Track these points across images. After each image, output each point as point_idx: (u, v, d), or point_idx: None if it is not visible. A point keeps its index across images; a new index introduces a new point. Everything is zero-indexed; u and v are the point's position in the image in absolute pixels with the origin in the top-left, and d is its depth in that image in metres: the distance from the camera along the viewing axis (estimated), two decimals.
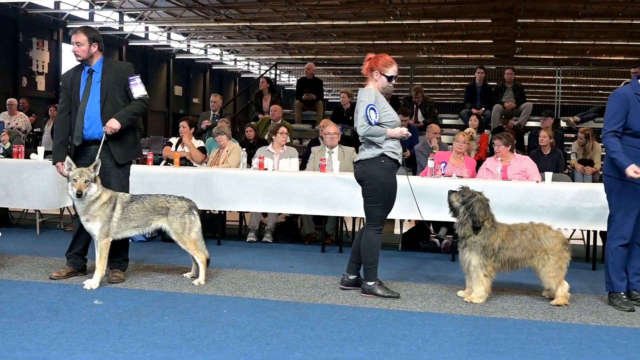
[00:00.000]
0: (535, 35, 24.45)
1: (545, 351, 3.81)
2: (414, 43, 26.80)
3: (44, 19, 24.00)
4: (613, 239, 4.97)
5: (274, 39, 28.17)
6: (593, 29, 22.81)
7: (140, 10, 23.94)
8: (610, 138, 4.84)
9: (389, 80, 5.05)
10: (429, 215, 6.27)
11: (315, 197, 6.84)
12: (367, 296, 5.04)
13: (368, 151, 5.03)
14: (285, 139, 8.04)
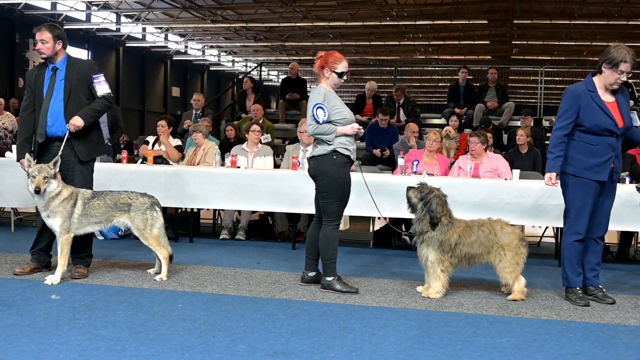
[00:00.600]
0: (532, 36, 24.48)
1: (489, 344, 3.86)
2: (410, 44, 26.82)
3: (40, 20, 23.94)
4: (568, 234, 5.03)
5: (271, 40, 28.18)
6: (589, 30, 22.83)
7: (137, 11, 23.97)
8: (556, 133, 4.93)
9: (340, 76, 5.11)
10: (388, 212, 6.32)
11: (282, 194, 6.89)
12: (326, 291, 5.09)
13: (320, 148, 5.08)
14: (257, 137, 8.09)
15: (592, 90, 4.91)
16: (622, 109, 4.93)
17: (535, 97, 16.16)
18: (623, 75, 4.81)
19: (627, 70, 4.79)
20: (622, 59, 4.77)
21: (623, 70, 4.79)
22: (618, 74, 4.81)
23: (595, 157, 4.87)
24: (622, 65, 4.78)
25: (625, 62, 4.77)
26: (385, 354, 3.60)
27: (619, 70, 4.79)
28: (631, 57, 4.78)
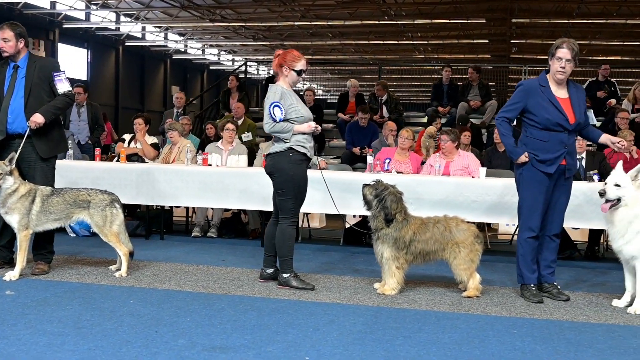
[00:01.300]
0: (532, 35, 24.45)
1: (430, 339, 3.89)
2: (410, 43, 26.79)
3: (39, 19, 24.00)
4: (522, 231, 5.07)
5: (270, 39, 28.16)
6: (589, 29, 22.79)
7: (136, 10, 23.97)
8: (502, 122, 5.06)
9: (299, 74, 5.15)
10: (356, 210, 6.36)
11: (252, 192, 6.93)
12: (282, 288, 5.12)
13: (277, 145, 5.12)
14: (231, 136, 8.13)
15: (544, 85, 4.96)
16: (575, 106, 4.96)
17: None
18: (562, 61, 4.84)
19: (564, 56, 4.84)
20: (558, 46, 4.85)
21: (560, 57, 4.84)
22: (557, 61, 4.86)
23: (547, 153, 4.91)
24: (559, 52, 4.85)
25: (561, 48, 4.85)
26: (323, 349, 3.63)
27: (557, 56, 4.85)
28: (568, 44, 4.84)
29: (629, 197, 4.67)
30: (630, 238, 4.68)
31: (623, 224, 4.68)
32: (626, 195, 4.67)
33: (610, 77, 12.65)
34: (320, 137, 11.82)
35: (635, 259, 4.73)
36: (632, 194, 4.67)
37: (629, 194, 4.67)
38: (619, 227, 4.70)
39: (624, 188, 4.68)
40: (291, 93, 5.19)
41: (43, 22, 24.33)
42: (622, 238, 4.71)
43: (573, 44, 4.88)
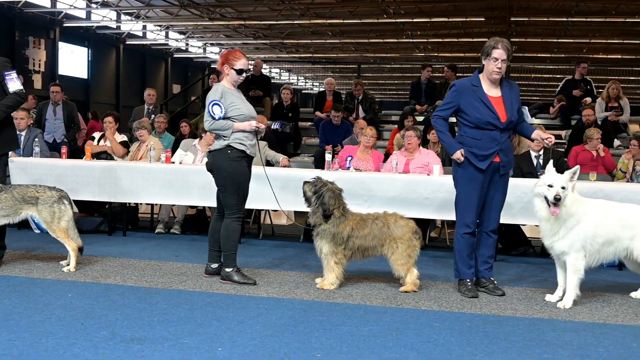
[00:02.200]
0: (532, 33, 24.47)
1: (349, 332, 3.98)
2: (410, 42, 26.83)
3: (40, 18, 24.11)
4: (459, 227, 5.16)
5: (271, 38, 28.21)
6: (589, 27, 22.79)
7: (137, 9, 24.06)
8: (437, 119, 5.15)
9: (239, 73, 5.25)
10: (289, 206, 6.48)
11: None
12: (225, 282, 5.23)
13: (217, 143, 5.24)
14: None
15: (476, 85, 5.04)
16: (507, 104, 5.05)
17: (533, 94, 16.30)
18: (498, 62, 4.92)
19: (500, 57, 4.92)
20: (494, 46, 4.93)
21: (496, 57, 4.92)
22: (493, 62, 4.94)
23: (480, 150, 5.00)
24: (494, 52, 4.92)
25: (496, 49, 4.92)
26: (239, 341, 3.73)
27: (492, 57, 4.93)
28: (503, 44, 4.93)
29: (568, 198, 4.75)
30: (563, 235, 4.77)
31: (558, 222, 4.77)
32: (567, 197, 4.75)
33: (612, 76, 12.76)
34: (297, 135, 11.94)
35: (565, 255, 4.82)
36: (570, 195, 4.75)
37: (569, 195, 4.75)
38: (553, 225, 4.79)
39: (567, 190, 4.75)
40: (233, 92, 5.29)
41: (44, 21, 24.43)
42: (555, 235, 4.80)
43: (507, 44, 4.97)
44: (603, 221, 4.82)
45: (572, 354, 3.70)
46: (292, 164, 8.08)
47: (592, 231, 4.77)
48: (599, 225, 4.80)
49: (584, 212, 4.78)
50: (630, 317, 4.60)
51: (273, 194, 5.63)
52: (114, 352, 3.46)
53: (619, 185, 6.55)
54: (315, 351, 3.60)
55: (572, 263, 4.79)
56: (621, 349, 3.82)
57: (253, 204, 6.33)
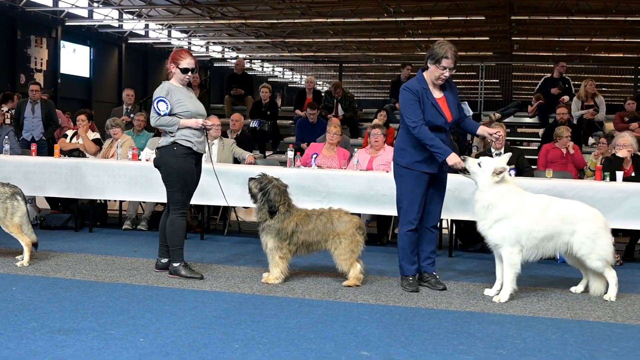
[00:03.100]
0: (533, 32, 24.48)
1: (277, 324, 4.08)
2: (411, 40, 26.88)
3: (42, 17, 24.22)
4: (402, 224, 5.24)
5: (273, 37, 28.29)
6: (591, 26, 22.78)
7: (139, 8, 24.17)
8: (422, 127, 4.98)
9: (184, 72, 5.36)
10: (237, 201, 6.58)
11: None
12: (173, 277, 5.33)
13: (163, 139, 5.34)
14: None
15: (425, 87, 5.10)
16: (450, 104, 5.13)
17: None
18: (446, 70, 5.00)
19: (448, 65, 4.98)
20: (444, 55, 4.96)
21: (445, 66, 4.98)
22: (441, 70, 5.00)
23: (426, 150, 5.06)
24: (444, 61, 4.97)
25: (446, 58, 4.96)
26: (165, 332, 3.83)
27: (441, 66, 4.99)
28: (452, 53, 4.98)
29: (481, 180, 4.84)
30: (491, 224, 4.86)
31: (479, 206, 4.88)
32: (479, 177, 4.85)
33: (615, 75, 12.81)
34: (276, 133, 12.04)
35: (499, 247, 4.91)
36: (486, 180, 4.83)
37: (482, 178, 4.84)
38: (477, 209, 4.91)
39: (482, 170, 4.84)
40: (180, 89, 5.39)
41: (46, 20, 24.54)
42: (483, 221, 4.89)
43: (455, 51, 5.01)
44: (542, 216, 4.89)
45: (488, 345, 3.79)
46: (259, 162, 8.17)
47: (529, 225, 4.84)
48: (538, 220, 4.87)
49: (519, 206, 4.85)
50: (562, 311, 4.67)
51: (220, 189, 5.73)
52: (36, 342, 3.57)
53: (571, 182, 6.61)
54: (235, 342, 3.70)
55: (508, 257, 4.87)
56: (539, 341, 3.90)
57: (215, 200, 6.44)
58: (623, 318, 4.52)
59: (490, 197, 4.85)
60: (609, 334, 4.11)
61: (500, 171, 4.86)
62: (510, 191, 4.89)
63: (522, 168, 7.47)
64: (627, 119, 10.82)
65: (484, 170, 4.88)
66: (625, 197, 6.27)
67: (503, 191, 4.86)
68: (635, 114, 10.84)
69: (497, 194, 4.85)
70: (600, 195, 6.32)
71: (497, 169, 4.85)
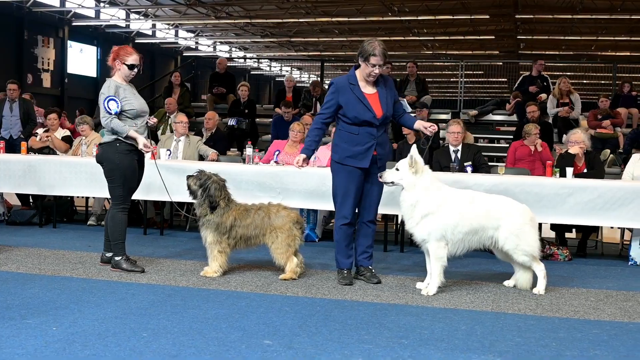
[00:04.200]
0: (539, 30, 24.44)
1: (193, 315, 4.17)
2: (417, 39, 26.91)
3: (49, 17, 24.45)
4: (337, 218, 5.33)
5: (279, 36, 28.38)
6: (597, 24, 22.69)
7: (145, 7, 24.32)
8: (315, 119, 5.32)
9: (130, 68, 5.47)
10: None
11: None
12: (115, 270, 5.46)
13: (107, 136, 5.45)
14: None
15: (353, 83, 5.20)
16: (382, 100, 5.21)
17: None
18: (375, 68, 5.09)
19: (377, 63, 5.08)
20: (372, 53, 5.06)
21: (374, 64, 5.08)
22: (370, 67, 5.10)
23: (357, 145, 5.17)
24: (372, 59, 5.07)
25: (374, 56, 5.06)
26: (80, 322, 3.93)
27: (370, 63, 5.09)
28: (380, 50, 5.07)
29: (405, 181, 4.92)
30: (417, 221, 4.94)
31: (406, 206, 4.97)
32: (403, 179, 4.93)
33: (618, 73, 12.86)
34: (254, 131, 12.15)
35: (426, 242, 4.99)
36: (408, 179, 4.91)
37: (405, 178, 4.92)
38: (404, 209, 4.99)
39: (401, 172, 4.93)
40: (125, 86, 5.51)
41: (53, 20, 24.76)
42: (410, 220, 4.98)
43: (384, 49, 5.12)
44: (467, 211, 4.97)
45: (393, 335, 3.87)
46: (222, 159, 8.28)
47: (454, 220, 4.93)
48: (462, 215, 4.95)
49: (443, 201, 4.93)
50: (486, 303, 4.75)
51: (164, 185, 5.84)
52: None
53: (518, 178, 6.67)
54: (145, 331, 3.80)
55: (434, 251, 4.96)
56: (446, 331, 3.98)
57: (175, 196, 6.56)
58: (543, 311, 4.59)
59: (415, 196, 4.93)
60: (520, 325, 4.18)
61: (415, 162, 4.94)
62: (434, 188, 4.97)
63: (479, 165, 7.54)
64: (600, 117, 10.86)
65: (402, 172, 4.95)
66: (570, 193, 6.33)
67: (427, 189, 4.94)
68: (608, 111, 10.87)
69: (422, 192, 4.93)
70: (546, 192, 6.38)
71: (410, 164, 4.93)
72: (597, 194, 6.28)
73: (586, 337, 3.96)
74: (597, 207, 6.29)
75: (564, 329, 4.14)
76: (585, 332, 4.09)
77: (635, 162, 7.19)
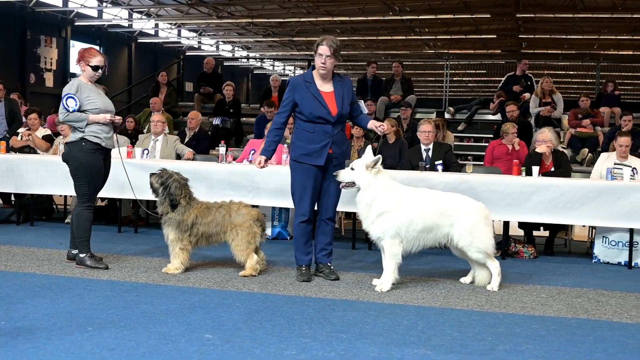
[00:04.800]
0: (541, 30, 24.43)
1: (142, 310, 4.27)
2: (418, 38, 26.92)
3: (51, 17, 24.57)
4: (295, 216, 5.43)
5: (281, 35, 28.43)
6: (600, 23, 22.65)
7: (147, 7, 24.42)
8: (275, 119, 5.46)
9: (94, 69, 5.58)
10: None
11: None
12: (79, 267, 5.56)
13: (72, 135, 5.57)
14: None
15: (309, 81, 5.31)
16: (338, 99, 5.30)
17: None
18: (323, 57, 5.20)
19: (324, 53, 5.19)
20: (319, 43, 5.21)
21: (321, 53, 5.20)
22: (319, 58, 5.22)
23: (313, 143, 5.26)
24: (320, 49, 5.21)
25: (322, 45, 5.20)
26: (31, 318, 4.03)
27: (318, 53, 5.21)
28: (328, 41, 5.19)
29: (361, 181, 5.00)
30: (373, 220, 5.03)
31: (362, 206, 5.05)
32: (358, 180, 5.01)
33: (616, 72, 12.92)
34: (238, 131, 12.24)
35: (381, 240, 5.07)
36: (365, 179, 4.99)
37: (360, 178, 5.00)
38: (361, 209, 5.08)
39: (356, 171, 5.02)
40: (89, 86, 5.62)
41: (55, 20, 24.89)
42: (366, 219, 5.06)
43: (332, 40, 5.23)
44: (421, 209, 5.06)
45: (334, 330, 3.96)
46: (197, 158, 8.37)
47: (408, 218, 5.01)
48: (416, 213, 5.03)
49: (398, 200, 5.02)
50: (437, 300, 4.83)
51: (129, 182, 5.95)
52: None
53: (482, 176, 6.75)
54: (91, 325, 3.90)
55: (389, 248, 5.04)
56: (388, 326, 4.07)
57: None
58: (491, 307, 4.67)
59: (371, 195, 5.02)
60: (463, 321, 4.27)
61: (375, 163, 5.02)
62: (389, 187, 5.06)
63: (450, 163, 7.61)
64: (580, 116, 10.91)
65: (358, 172, 5.03)
66: (533, 192, 6.40)
67: (382, 187, 5.03)
68: (588, 110, 10.92)
69: (377, 191, 5.02)
70: (510, 190, 6.45)
71: (369, 164, 5.01)
72: (560, 192, 6.34)
73: (524, 332, 4.04)
74: (560, 206, 6.35)
75: (505, 324, 4.22)
76: (525, 327, 4.17)
77: (604, 161, 7.26)
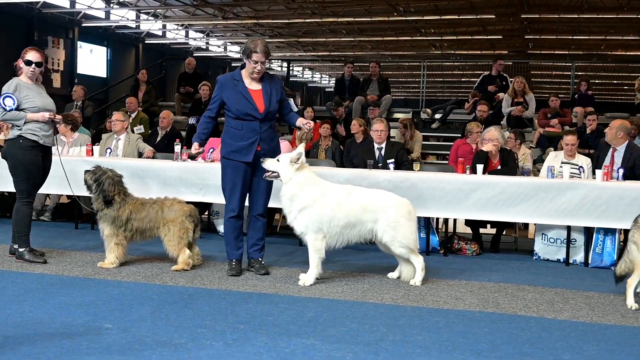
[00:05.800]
0: (547, 30, 24.39)
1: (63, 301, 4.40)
2: (424, 39, 26.94)
3: (59, 18, 24.70)
4: (226, 212, 5.55)
5: (287, 36, 28.54)
6: (606, 23, 22.56)
7: (154, 8, 24.60)
8: (204, 116, 5.58)
9: (27, 64, 5.75)
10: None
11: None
12: (19, 261, 5.71)
13: (11, 133, 5.72)
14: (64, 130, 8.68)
15: (237, 79, 5.44)
16: (266, 96, 5.42)
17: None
18: (258, 65, 5.30)
19: (259, 60, 5.30)
20: (253, 50, 5.29)
21: (256, 60, 5.29)
22: (253, 64, 5.31)
23: (241, 140, 5.39)
24: (254, 56, 5.30)
25: (256, 53, 5.28)
26: None
27: (252, 60, 5.31)
28: (262, 47, 5.29)
29: (283, 175, 5.12)
30: (295, 215, 5.14)
31: (285, 200, 5.18)
32: (281, 172, 5.13)
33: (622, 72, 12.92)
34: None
35: (304, 235, 5.19)
36: (287, 173, 5.11)
37: (283, 171, 5.12)
38: (284, 203, 5.21)
39: (281, 164, 5.13)
40: (28, 85, 5.77)
41: (62, 21, 25.05)
42: (289, 214, 5.18)
43: (265, 46, 5.36)
44: (344, 204, 5.16)
45: (238, 321, 4.06)
46: (157, 156, 8.49)
47: (330, 214, 5.11)
48: (338, 209, 5.13)
49: (320, 195, 5.12)
50: (355, 294, 4.92)
51: (67, 179, 6.10)
52: None
53: (424, 174, 6.83)
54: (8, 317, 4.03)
55: (312, 243, 5.15)
56: (294, 318, 4.18)
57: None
58: (405, 301, 4.76)
59: (293, 189, 5.13)
60: (368, 314, 4.37)
61: (297, 158, 5.12)
62: (312, 182, 5.16)
63: (402, 162, 7.69)
64: (549, 115, 10.96)
65: (282, 165, 5.15)
66: (473, 189, 6.48)
67: (304, 183, 5.14)
68: (557, 110, 10.97)
69: (299, 186, 5.13)
70: (450, 187, 6.54)
71: (293, 158, 5.12)
72: (499, 189, 6.42)
73: (422, 324, 4.14)
74: (499, 203, 6.42)
75: (408, 317, 4.32)
76: (427, 319, 4.26)
77: (552, 159, 7.32)
